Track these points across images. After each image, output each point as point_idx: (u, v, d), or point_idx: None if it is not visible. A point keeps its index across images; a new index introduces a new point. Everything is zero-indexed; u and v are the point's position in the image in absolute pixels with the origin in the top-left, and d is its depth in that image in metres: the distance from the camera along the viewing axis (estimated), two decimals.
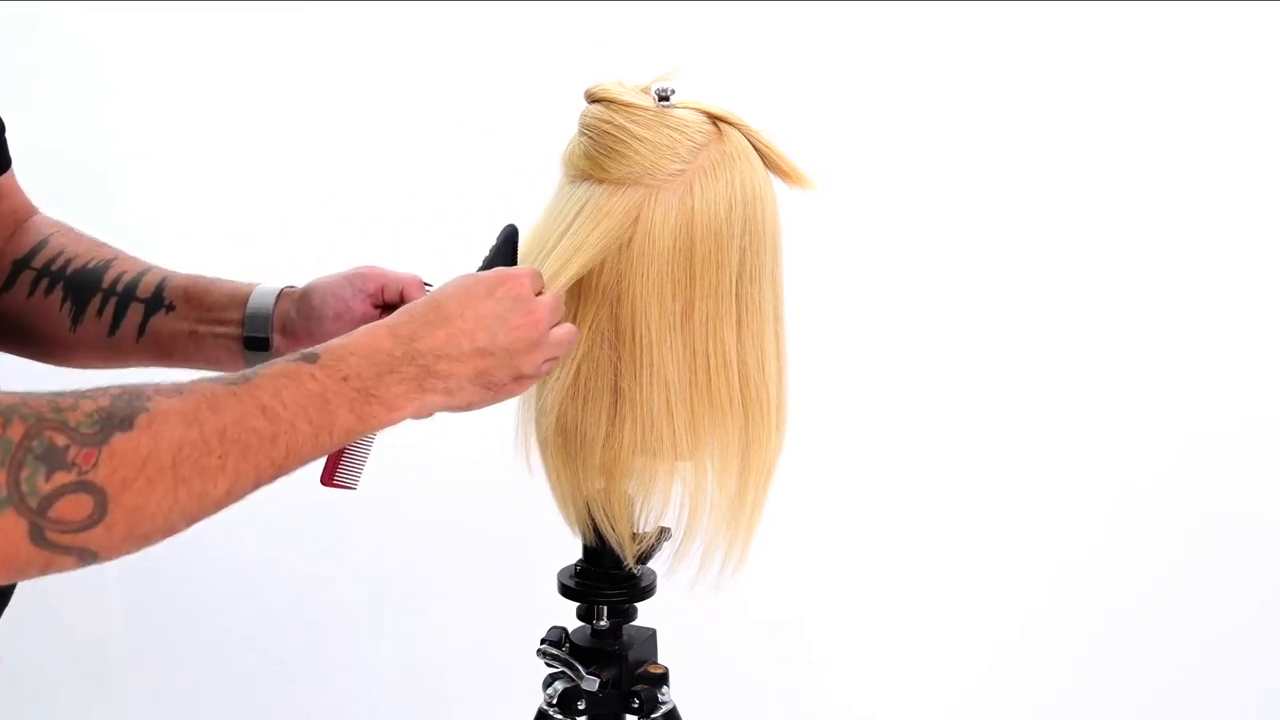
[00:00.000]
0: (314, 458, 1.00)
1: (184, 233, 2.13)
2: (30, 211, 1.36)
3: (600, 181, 1.19)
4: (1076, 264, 2.19)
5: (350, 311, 1.25)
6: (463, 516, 2.17)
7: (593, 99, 1.21)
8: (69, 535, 0.89)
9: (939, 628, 2.28)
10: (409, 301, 1.20)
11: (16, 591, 1.25)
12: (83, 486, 0.88)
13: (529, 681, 1.37)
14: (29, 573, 0.90)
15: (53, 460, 0.88)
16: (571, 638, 1.34)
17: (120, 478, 0.90)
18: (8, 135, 1.30)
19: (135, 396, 0.92)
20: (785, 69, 2.10)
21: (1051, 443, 2.23)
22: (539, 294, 1.12)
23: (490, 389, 1.08)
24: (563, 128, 1.24)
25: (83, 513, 0.89)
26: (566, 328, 1.14)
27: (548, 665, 1.32)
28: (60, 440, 0.89)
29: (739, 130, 1.21)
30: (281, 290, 1.30)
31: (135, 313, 1.29)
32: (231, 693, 2.28)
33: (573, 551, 1.33)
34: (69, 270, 1.30)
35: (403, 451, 2.18)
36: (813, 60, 2.12)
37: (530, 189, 1.30)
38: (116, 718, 2.27)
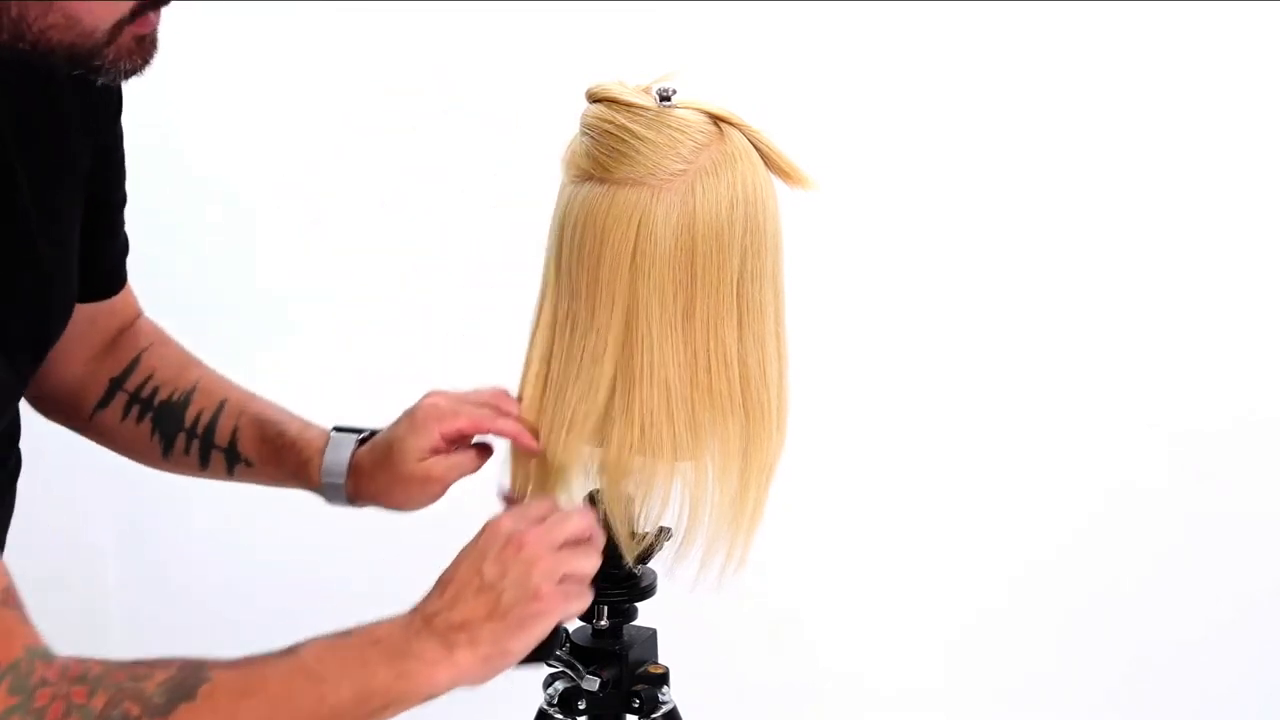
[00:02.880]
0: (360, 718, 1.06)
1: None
2: (134, 316, 1.38)
3: (602, 181, 1.19)
4: (1074, 264, 2.19)
5: (428, 468, 1.28)
6: (464, 516, 2.17)
7: (594, 99, 1.21)
8: None
9: (940, 628, 2.28)
10: (476, 432, 1.25)
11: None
12: None
13: (529, 681, 1.37)
14: None
15: None
16: (572, 637, 1.34)
17: None
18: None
19: (198, 668, 1.02)
20: (785, 69, 2.10)
21: (1049, 443, 2.24)
22: (542, 517, 1.14)
23: (510, 619, 1.10)
24: (564, 128, 1.24)
25: None
26: (575, 535, 1.14)
27: (548, 665, 1.32)
28: (134, 710, 0.98)
29: (740, 130, 1.21)
30: (355, 453, 1.31)
31: (218, 459, 1.34)
32: None
33: None
34: (156, 401, 1.35)
35: None
36: (813, 60, 2.12)
37: (532, 189, 1.30)
38: None
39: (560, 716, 1.33)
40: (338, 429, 1.33)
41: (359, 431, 1.33)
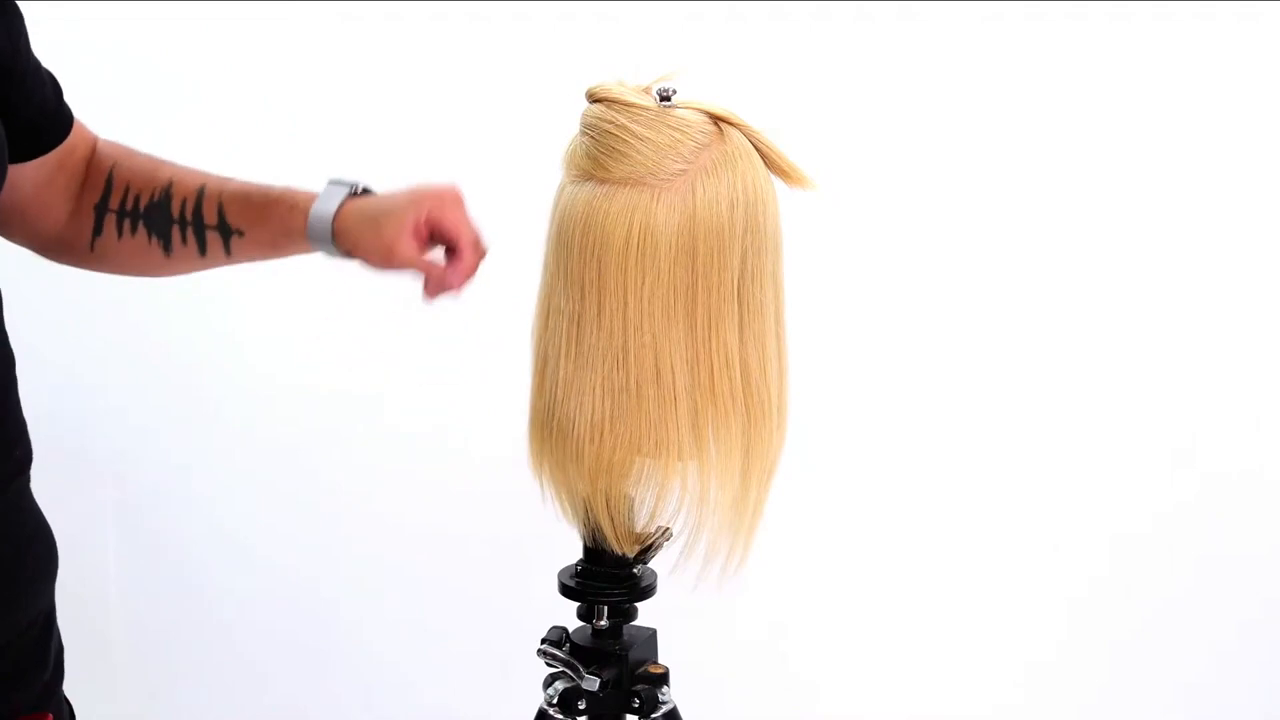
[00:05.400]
0: None
1: None
2: (93, 144, 1.41)
3: (602, 181, 1.19)
4: (1073, 261, 2.19)
5: (399, 241, 1.29)
6: (464, 516, 2.17)
7: (594, 99, 1.21)
8: None
9: (938, 628, 2.28)
10: (449, 242, 1.30)
11: None
12: None
13: (529, 681, 1.37)
14: None
15: None
16: (572, 638, 1.34)
17: None
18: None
19: None
20: (785, 70, 2.10)
21: (1048, 440, 2.23)
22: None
23: None
24: (564, 128, 1.24)
25: None
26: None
27: (548, 665, 1.32)
28: None
29: (740, 130, 1.21)
30: (343, 205, 1.31)
31: (214, 239, 1.35)
32: (231, 692, 2.28)
33: (573, 551, 1.33)
34: (141, 207, 1.37)
35: (403, 450, 2.18)
36: (813, 61, 2.12)
37: (532, 189, 1.30)
38: (118, 717, 2.27)
39: (560, 716, 1.33)
40: (333, 181, 1.33)
41: (354, 185, 1.33)
